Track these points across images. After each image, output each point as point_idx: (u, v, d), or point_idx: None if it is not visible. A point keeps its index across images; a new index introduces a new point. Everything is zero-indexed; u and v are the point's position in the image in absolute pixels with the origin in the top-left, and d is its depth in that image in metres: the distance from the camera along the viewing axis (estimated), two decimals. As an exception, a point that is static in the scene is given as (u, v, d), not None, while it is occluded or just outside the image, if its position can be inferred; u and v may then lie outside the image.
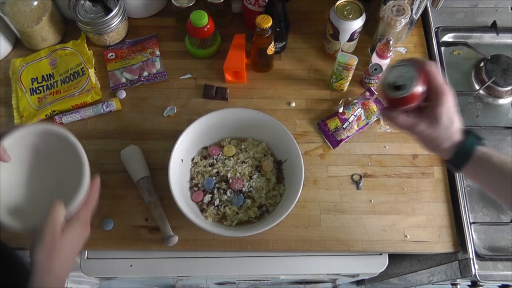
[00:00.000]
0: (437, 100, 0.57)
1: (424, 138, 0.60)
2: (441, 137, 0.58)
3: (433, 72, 0.57)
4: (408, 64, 0.57)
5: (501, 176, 0.56)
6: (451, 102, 0.57)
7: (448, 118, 0.57)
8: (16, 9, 0.86)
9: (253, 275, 0.95)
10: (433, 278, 0.88)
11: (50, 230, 0.59)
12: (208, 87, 0.91)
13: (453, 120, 0.57)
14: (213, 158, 0.83)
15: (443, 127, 0.57)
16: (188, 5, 0.91)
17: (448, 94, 0.57)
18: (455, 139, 0.58)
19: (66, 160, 0.65)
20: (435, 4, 0.90)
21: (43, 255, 0.59)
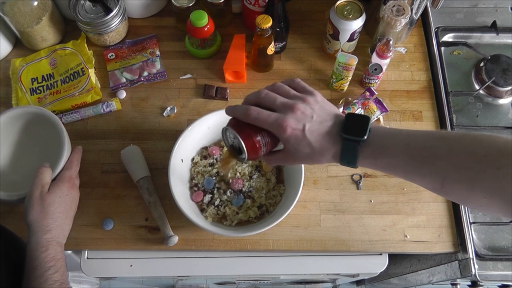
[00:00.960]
0: (280, 138, 0.53)
1: (301, 163, 0.57)
2: (314, 160, 0.53)
3: (257, 117, 0.51)
4: (228, 127, 0.54)
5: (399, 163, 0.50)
6: (293, 132, 0.51)
7: (306, 145, 0.51)
8: (16, 9, 0.86)
9: (253, 275, 0.95)
10: (433, 278, 0.88)
11: (38, 189, 0.64)
12: (208, 87, 0.91)
13: (313, 143, 0.51)
14: (213, 158, 0.83)
15: (307, 154, 0.52)
16: (188, 5, 0.91)
17: (282, 129, 0.51)
18: (331, 154, 0.52)
19: (49, 135, 0.75)
20: (435, 4, 0.90)
21: (36, 213, 0.63)
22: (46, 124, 0.75)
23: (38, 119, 0.76)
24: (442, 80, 0.92)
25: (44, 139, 0.78)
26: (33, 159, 0.79)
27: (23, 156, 0.78)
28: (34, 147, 0.80)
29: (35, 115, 0.76)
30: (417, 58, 0.97)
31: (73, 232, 0.78)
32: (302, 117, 0.51)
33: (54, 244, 0.63)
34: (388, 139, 0.50)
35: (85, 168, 0.84)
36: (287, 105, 0.52)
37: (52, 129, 0.74)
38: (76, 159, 0.74)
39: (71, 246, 0.79)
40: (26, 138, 0.79)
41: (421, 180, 0.50)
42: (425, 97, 0.92)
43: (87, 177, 0.83)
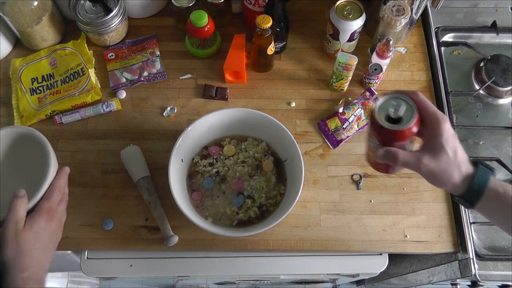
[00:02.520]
0: (434, 130, 0.53)
1: (430, 173, 0.54)
2: (448, 170, 0.53)
3: (425, 101, 0.54)
4: (402, 97, 0.54)
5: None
6: (451, 130, 0.53)
7: (451, 148, 0.52)
8: (16, 9, 0.86)
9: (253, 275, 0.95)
10: (433, 278, 0.88)
11: (12, 225, 0.60)
12: (208, 87, 0.91)
13: (457, 150, 0.53)
14: (213, 158, 0.83)
15: (449, 159, 0.52)
16: (188, 5, 0.91)
17: (445, 121, 0.53)
18: (464, 171, 0.53)
19: (36, 158, 0.72)
20: (435, 4, 0.90)
21: (11, 252, 0.59)
22: (35, 144, 0.72)
23: (27, 139, 0.73)
24: (442, 80, 0.92)
25: (32, 160, 0.74)
26: (19, 180, 0.75)
27: (9, 176, 0.75)
28: (22, 167, 0.76)
29: (24, 135, 0.74)
30: (417, 58, 0.97)
31: (73, 232, 0.78)
32: None
33: (31, 282, 0.58)
34: (504, 186, 0.52)
35: (85, 168, 0.84)
36: None
37: (40, 150, 0.71)
38: (59, 185, 0.68)
39: (71, 246, 0.79)
40: (14, 158, 0.76)
41: None
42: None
43: (87, 177, 0.83)
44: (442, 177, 0.54)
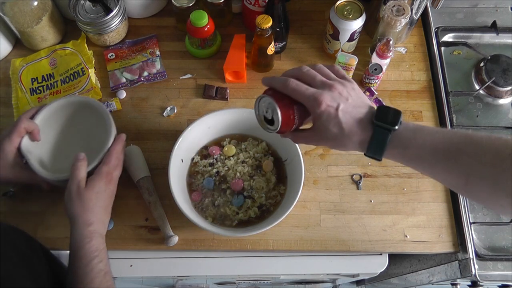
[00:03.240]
0: (313, 113, 0.53)
1: (327, 147, 0.59)
2: (340, 143, 0.54)
3: (294, 91, 0.53)
4: (265, 95, 0.54)
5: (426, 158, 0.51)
6: (327, 109, 0.52)
7: (335, 124, 0.52)
8: (16, 9, 0.86)
9: (253, 275, 0.95)
10: (433, 278, 0.88)
11: (74, 184, 0.65)
12: (208, 87, 0.91)
13: (343, 123, 0.52)
14: (213, 158, 0.83)
15: (335, 134, 0.53)
16: (188, 5, 0.91)
17: (318, 104, 0.52)
18: (358, 139, 0.53)
19: (96, 126, 0.76)
20: (435, 4, 0.90)
21: (76, 207, 0.65)
22: (94, 113, 0.76)
23: (88, 108, 0.77)
24: (442, 80, 0.92)
25: (92, 127, 0.78)
26: (81, 145, 0.79)
27: (73, 142, 0.79)
28: (82, 134, 0.80)
29: (83, 104, 0.77)
30: (417, 58, 0.97)
31: (73, 232, 0.78)
32: (338, 97, 0.53)
33: (96, 235, 0.64)
34: (417, 133, 0.51)
35: (85, 168, 0.84)
36: (326, 83, 0.54)
37: (100, 119, 0.75)
38: (116, 151, 0.72)
39: (71, 246, 0.79)
40: (77, 125, 0.79)
41: (446, 175, 0.51)
42: (425, 97, 0.92)
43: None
44: (338, 147, 0.55)
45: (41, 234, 0.78)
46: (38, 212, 0.80)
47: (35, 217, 0.79)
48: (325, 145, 0.57)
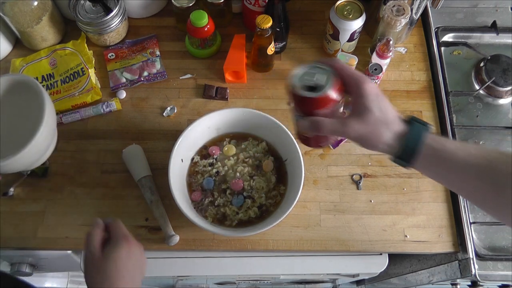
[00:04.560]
0: (357, 92, 0.50)
1: (359, 137, 0.51)
2: (377, 130, 0.50)
3: (342, 66, 0.52)
4: (318, 65, 0.52)
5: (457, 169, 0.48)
6: (374, 89, 0.50)
7: (376, 106, 0.50)
8: (16, 9, 0.86)
9: (253, 275, 0.95)
10: (433, 278, 0.88)
11: (88, 255, 0.58)
12: (208, 87, 0.91)
13: (386, 108, 0.50)
14: (213, 158, 0.83)
15: (376, 118, 0.50)
16: (188, 5, 0.91)
17: (366, 82, 0.50)
18: (395, 129, 0.50)
19: (30, 103, 0.70)
20: (435, 4, 0.90)
21: (93, 278, 0.57)
22: (30, 92, 0.71)
23: (22, 86, 0.72)
24: (442, 80, 0.92)
25: (27, 107, 0.73)
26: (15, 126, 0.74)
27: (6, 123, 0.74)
28: (17, 115, 0.74)
29: (19, 82, 0.72)
30: (417, 58, 0.97)
31: (73, 232, 0.78)
32: None
33: None
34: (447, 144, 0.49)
35: (85, 168, 0.84)
36: None
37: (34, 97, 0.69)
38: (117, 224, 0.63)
39: (71, 246, 0.79)
40: (8, 106, 0.74)
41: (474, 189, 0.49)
42: (425, 97, 0.92)
43: (87, 177, 0.83)
44: (372, 138, 0.51)
45: (41, 234, 0.78)
46: (38, 212, 0.80)
47: (35, 217, 0.79)
48: (357, 135, 0.51)
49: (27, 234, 0.78)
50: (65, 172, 0.83)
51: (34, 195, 0.81)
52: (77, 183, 0.83)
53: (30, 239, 0.78)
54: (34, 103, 0.68)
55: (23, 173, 0.81)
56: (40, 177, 0.82)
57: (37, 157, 0.69)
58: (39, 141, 0.65)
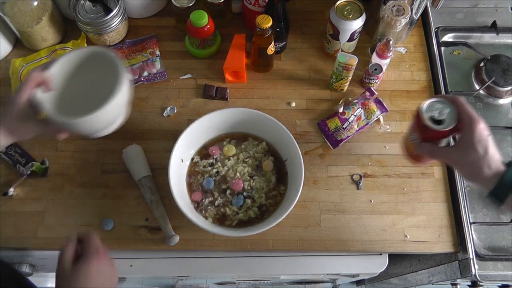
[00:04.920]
0: (468, 128, 0.59)
1: (461, 167, 0.61)
2: (477, 165, 0.58)
3: (463, 104, 0.60)
4: (445, 101, 0.63)
5: None
6: (483, 130, 0.58)
7: (482, 146, 0.57)
8: (16, 9, 0.86)
9: (253, 275, 0.95)
10: (433, 278, 0.88)
11: (60, 269, 0.60)
12: (208, 87, 0.91)
13: (488, 149, 0.57)
14: (213, 158, 0.83)
15: (478, 155, 0.58)
16: (188, 5, 0.91)
17: (479, 122, 0.58)
18: (494, 167, 0.58)
19: (109, 74, 0.69)
20: (435, 4, 0.90)
21: None
22: (107, 62, 0.70)
23: (99, 57, 0.71)
24: (442, 80, 0.92)
25: (105, 76, 0.71)
26: (92, 93, 0.72)
27: (84, 91, 0.73)
28: (94, 82, 0.73)
29: (96, 54, 0.71)
30: (417, 58, 0.97)
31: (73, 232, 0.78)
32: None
33: None
34: None
35: (85, 168, 0.84)
36: None
37: (112, 67, 0.68)
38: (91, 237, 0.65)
39: (71, 246, 0.79)
40: (87, 74, 0.72)
41: None
42: (425, 97, 0.92)
43: (87, 177, 0.83)
44: (471, 172, 0.60)
45: (41, 234, 0.78)
46: (38, 212, 0.80)
47: (35, 217, 0.79)
48: (458, 164, 0.61)
49: (27, 234, 0.78)
50: (65, 172, 0.84)
51: (34, 195, 0.81)
52: (77, 183, 0.83)
53: (30, 239, 0.78)
54: (111, 74, 0.68)
55: (23, 173, 0.81)
56: (40, 177, 0.82)
57: (110, 120, 0.69)
58: (112, 106, 0.65)
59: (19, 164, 0.82)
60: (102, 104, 0.65)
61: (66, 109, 0.69)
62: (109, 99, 0.65)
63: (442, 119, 0.62)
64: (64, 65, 0.71)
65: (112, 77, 0.68)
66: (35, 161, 0.83)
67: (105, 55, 0.71)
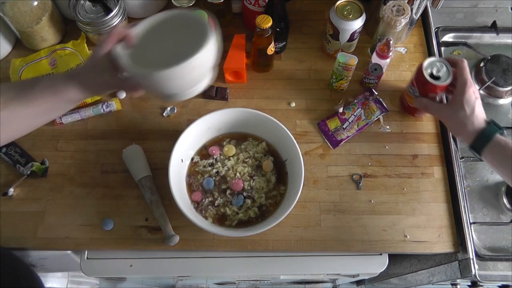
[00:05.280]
0: (460, 89, 0.71)
1: (449, 122, 0.75)
2: (463, 122, 0.70)
3: (462, 67, 0.73)
4: (444, 61, 0.77)
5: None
6: (473, 94, 0.71)
7: (469, 105, 0.70)
8: (16, 9, 0.86)
9: (253, 275, 0.95)
10: (433, 278, 0.88)
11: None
12: (208, 87, 0.91)
13: (474, 108, 0.70)
14: (213, 158, 0.83)
15: (465, 114, 0.70)
16: (188, 5, 0.91)
17: (470, 86, 0.71)
18: (477, 125, 0.69)
19: (192, 36, 0.66)
20: (435, 4, 0.90)
21: None
22: (195, 26, 0.66)
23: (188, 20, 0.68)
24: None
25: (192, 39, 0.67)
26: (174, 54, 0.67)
27: (166, 51, 0.69)
28: (179, 44, 0.69)
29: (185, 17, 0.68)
30: (417, 58, 0.97)
31: (73, 232, 0.79)
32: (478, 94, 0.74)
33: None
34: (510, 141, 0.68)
35: (85, 168, 0.84)
36: None
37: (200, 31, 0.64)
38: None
39: (71, 246, 0.79)
40: (172, 36, 0.69)
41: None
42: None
43: (87, 177, 0.83)
44: (457, 127, 0.72)
45: (41, 234, 0.78)
46: (38, 212, 0.80)
47: (35, 217, 0.79)
48: (447, 119, 0.75)
49: (27, 234, 0.78)
50: (65, 172, 0.84)
51: (34, 195, 0.81)
52: (77, 183, 0.83)
53: (30, 239, 0.78)
54: (197, 37, 0.64)
55: (23, 173, 0.81)
56: (40, 177, 0.82)
57: (193, 78, 0.65)
58: (196, 61, 0.60)
59: (19, 164, 0.82)
60: (185, 58, 0.59)
61: (146, 66, 0.64)
62: (193, 54, 0.60)
63: (439, 76, 0.76)
64: (149, 27, 0.68)
65: (198, 38, 0.63)
66: (35, 161, 0.83)
67: (191, 18, 0.67)
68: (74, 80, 0.63)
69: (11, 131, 0.62)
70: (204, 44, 0.61)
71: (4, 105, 0.59)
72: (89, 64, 0.65)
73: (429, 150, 0.87)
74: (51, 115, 0.67)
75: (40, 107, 0.62)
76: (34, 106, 0.61)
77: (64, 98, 0.63)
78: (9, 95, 0.60)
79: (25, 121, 0.63)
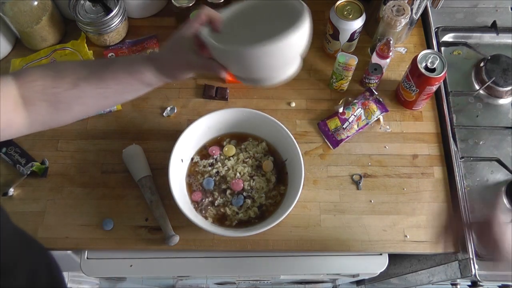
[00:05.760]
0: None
1: None
2: None
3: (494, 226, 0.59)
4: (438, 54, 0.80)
5: None
6: None
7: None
8: (16, 9, 0.86)
9: (253, 275, 0.95)
10: (433, 278, 0.88)
11: None
12: (208, 87, 0.91)
13: None
14: (213, 158, 0.83)
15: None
16: (188, 5, 0.91)
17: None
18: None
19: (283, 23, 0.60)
20: (435, 4, 0.90)
21: None
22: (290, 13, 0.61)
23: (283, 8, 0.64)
24: (442, 80, 0.92)
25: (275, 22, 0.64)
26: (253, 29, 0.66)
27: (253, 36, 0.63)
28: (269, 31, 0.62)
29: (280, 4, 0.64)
30: (417, 58, 0.97)
31: (73, 232, 0.78)
32: None
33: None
34: None
35: (85, 168, 0.84)
36: None
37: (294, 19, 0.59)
38: None
39: (71, 246, 0.79)
40: (263, 23, 0.66)
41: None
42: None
43: (87, 177, 0.83)
44: None
45: (41, 234, 0.78)
46: (38, 212, 0.80)
47: (35, 217, 0.79)
48: None
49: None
50: (65, 172, 0.84)
51: (34, 195, 0.81)
52: (77, 183, 0.83)
53: (30, 239, 0.78)
54: (289, 22, 0.59)
55: (23, 173, 0.81)
56: (40, 177, 0.82)
57: (281, 61, 0.62)
58: (287, 43, 0.57)
59: (19, 164, 0.82)
60: (276, 39, 0.55)
61: None
62: (290, 33, 0.56)
63: (434, 68, 0.79)
64: (237, 12, 0.64)
65: (292, 21, 0.58)
66: (35, 161, 0.83)
67: (284, 3, 0.63)
68: (152, 62, 0.61)
69: (79, 111, 0.61)
70: (301, 24, 0.57)
71: (74, 84, 0.57)
72: (171, 44, 0.62)
73: (429, 150, 0.87)
74: (122, 97, 0.65)
75: (112, 88, 0.60)
76: (106, 86, 0.59)
77: (139, 80, 0.62)
78: (81, 73, 0.58)
79: (95, 101, 0.61)
